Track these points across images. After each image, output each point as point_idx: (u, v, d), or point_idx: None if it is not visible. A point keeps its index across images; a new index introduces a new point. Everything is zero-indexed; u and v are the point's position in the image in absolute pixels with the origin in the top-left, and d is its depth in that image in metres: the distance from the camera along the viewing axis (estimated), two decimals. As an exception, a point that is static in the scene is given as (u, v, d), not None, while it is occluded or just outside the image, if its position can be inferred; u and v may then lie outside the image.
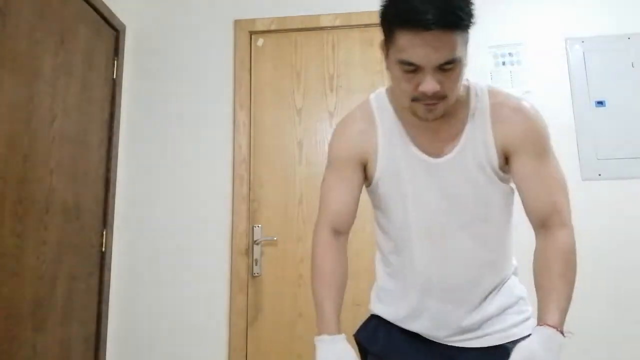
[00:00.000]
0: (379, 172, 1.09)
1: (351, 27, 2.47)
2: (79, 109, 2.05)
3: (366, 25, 2.46)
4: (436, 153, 1.04)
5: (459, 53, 0.93)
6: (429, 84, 0.91)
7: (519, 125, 1.02)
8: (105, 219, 2.23)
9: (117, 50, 2.39)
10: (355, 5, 2.46)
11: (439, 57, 0.90)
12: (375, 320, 1.17)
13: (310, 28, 2.48)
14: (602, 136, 2.24)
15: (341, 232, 1.13)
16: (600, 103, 2.27)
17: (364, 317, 1.22)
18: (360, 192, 1.14)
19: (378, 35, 2.66)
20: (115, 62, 2.38)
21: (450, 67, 0.92)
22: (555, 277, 0.98)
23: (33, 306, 1.72)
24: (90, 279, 2.11)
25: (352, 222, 1.14)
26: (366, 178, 1.13)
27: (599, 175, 2.21)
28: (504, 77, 2.34)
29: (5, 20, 1.63)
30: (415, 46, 0.89)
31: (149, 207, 2.38)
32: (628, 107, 2.25)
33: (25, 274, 1.68)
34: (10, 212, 1.61)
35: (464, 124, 1.04)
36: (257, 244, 2.30)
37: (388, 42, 0.96)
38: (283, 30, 2.49)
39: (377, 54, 2.42)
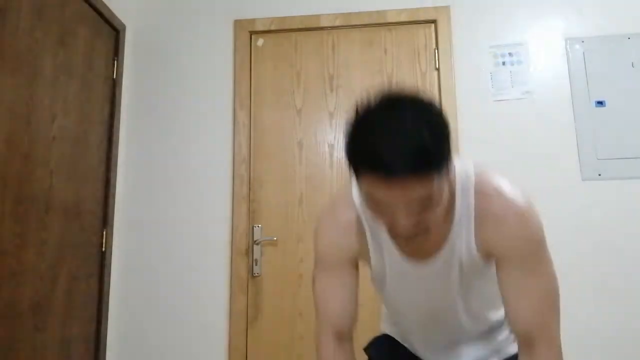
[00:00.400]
0: (371, 269, 1.06)
1: (351, 27, 2.47)
2: (79, 109, 2.05)
3: (366, 25, 2.46)
4: (420, 258, 0.98)
5: (434, 191, 0.77)
6: (403, 226, 0.80)
7: (504, 235, 0.91)
8: (105, 219, 2.23)
9: (117, 50, 2.39)
10: (355, 5, 2.46)
11: (409, 200, 0.77)
12: (386, 336, 1.23)
13: (310, 28, 2.48)
14: (602, 136, 2.24)
15: (345, 336, 1.05)
16: (600, 103, 2.27)
17: (364, 318, 1.24)
18: (358, 286, 1.07)
19: (378, 35, 2.65)
20: (115, 62, 2.38)
21: (425, 204, 0.79)
22: None
23: (33, 306, 1.72)
24: (90, 279, 2.11)
25: (356, 321, 1.06)
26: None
27: (599, 175, 2.21)
28: (504, 77, 2.34)
29: (5, 20, 1.62)
30: (382, 189, 0.76)
31: (149, 207, 2.38)
32: (628, 107, 2.25)
33: (25, 274, 1.68)
34: (10, 212, 1.61)
35: (449, 228, 0.94)
36: (257, 244, 2.30)
37: (356, 178, 0.81)
38: (283, 30, 2.49)
39: (377, 53, 2.43)
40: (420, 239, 0.92)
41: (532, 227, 0.91)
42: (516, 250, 0.91)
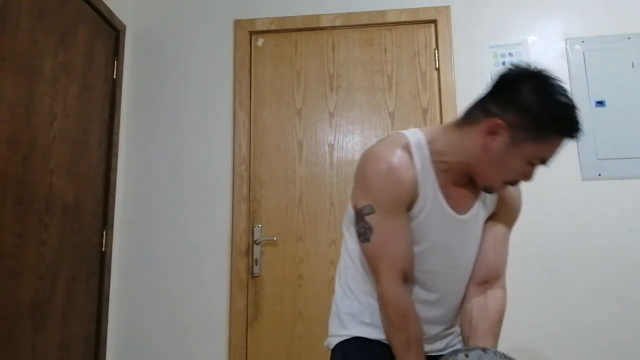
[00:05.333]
0: (413, 215, 1.10)
1: (351, 27, 2.47)
2: (79, 109, 2.05)
3: (366, 25, 2.46)
4: (460, 210, 1.12)
5: None
6: (533, 176, 1.07)
7: (514, 197, 1.20)
8: (105, 219, 2.23)
9: (117, 50, 2.39)
10: (355, 5, 2.46)
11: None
12: (355, 349, 1.14)
13: (310, 28, 2.48)
14: (602, 136, 2.24)
15: (409, 280, 1.11)
16: (600, 103, 2.27)
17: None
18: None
19: (378, 35, 2.65)
20: (115, 62, 2.38)
21: None
22: (492, 335, 1.10)
23: (33, 306, 1.72)
24: (90, 279, 2.11)
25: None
26: None
27: (599, 175, 2.21)
28: (504, 77, 2.34)
29: (5, 20, 1.63)
30: (556, 149, 1.05)
31: (149, 207, 2.38)
32: (628, 107, 2.25)
33: (25, 274, 1.68)
34: (10, 212, 1.61)
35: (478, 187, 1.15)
36: (257, 244, 2.30)
37: (532, 139, 1.01)
38: (283, 30, 2.49)
39: (377, 53, 2.43)
40: (460, 195, 1.13)
41: (521, 200, 1.24)
42: (513, 213, 1.20)
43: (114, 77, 2.36)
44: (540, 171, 2.43)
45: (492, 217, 1.18)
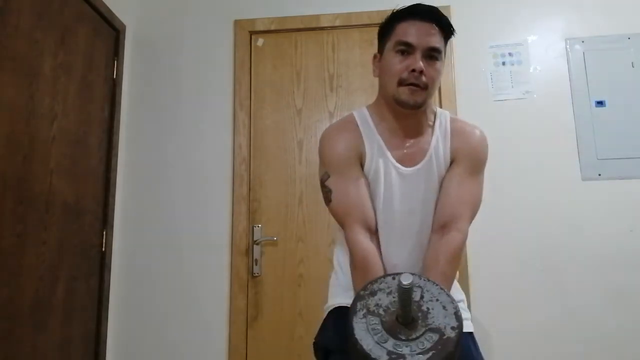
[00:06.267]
0: (366, 171, 1.24)
1: (351, 27, 2.47)
2: (79, 109, 2.05)
3: (366, 25, 2.45)
4: (407, 164, 1.23)
5: (440, 47, 1.19)
6: (418, 63, 1.15)
7: (468, 142, 1.24)
8: (105, 219, 2.23)
9: (117, 50, 2.39)
10: (355, 5, 2.46)
11: (428, 41, 1.17)
12: (332, 318, 1.27)
13: (310, 28, 2.48)
14: (602, 136, 2.24)
15: (374, 231, 1.21)
16: (600, 103, 2.27)
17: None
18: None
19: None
20: (115, 62, 2.37)
21: (433, 55, 1.18)
22: (438, 273, 1.12)
23: (33, 306, 1.72)
24: (90, 279, 2.11)
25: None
26: None
27: (599, 175, 2.21)
28: (504, 77, 2.34)
29: (5, 20, 1.63)
30: (411, 31, 1.18)
31: (149, 207, 2.38)
32: (628, 107, 2.25)
33: (25, 274, 1.68)
34: (10, 212, 1.61)
35: (429, 142, 1.25)
36: (257, 244, 2.30)
37: (387, 39, 1.23)
38: (283, 30, 2.49)
39: (377, 54, 2.43)
40: (408, 151, 1.24)
41: (485, 148, 1.27)
42: (469, 157, 1.23)
43: (114, 77, 2.36)
44: (540, 171, 2.43)
45: (451, 165, 1.24)
